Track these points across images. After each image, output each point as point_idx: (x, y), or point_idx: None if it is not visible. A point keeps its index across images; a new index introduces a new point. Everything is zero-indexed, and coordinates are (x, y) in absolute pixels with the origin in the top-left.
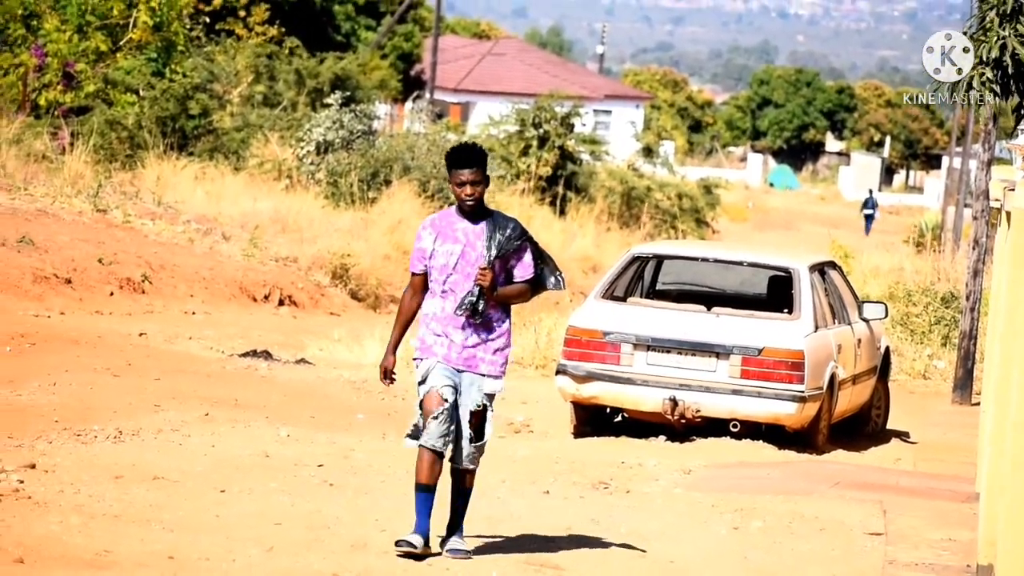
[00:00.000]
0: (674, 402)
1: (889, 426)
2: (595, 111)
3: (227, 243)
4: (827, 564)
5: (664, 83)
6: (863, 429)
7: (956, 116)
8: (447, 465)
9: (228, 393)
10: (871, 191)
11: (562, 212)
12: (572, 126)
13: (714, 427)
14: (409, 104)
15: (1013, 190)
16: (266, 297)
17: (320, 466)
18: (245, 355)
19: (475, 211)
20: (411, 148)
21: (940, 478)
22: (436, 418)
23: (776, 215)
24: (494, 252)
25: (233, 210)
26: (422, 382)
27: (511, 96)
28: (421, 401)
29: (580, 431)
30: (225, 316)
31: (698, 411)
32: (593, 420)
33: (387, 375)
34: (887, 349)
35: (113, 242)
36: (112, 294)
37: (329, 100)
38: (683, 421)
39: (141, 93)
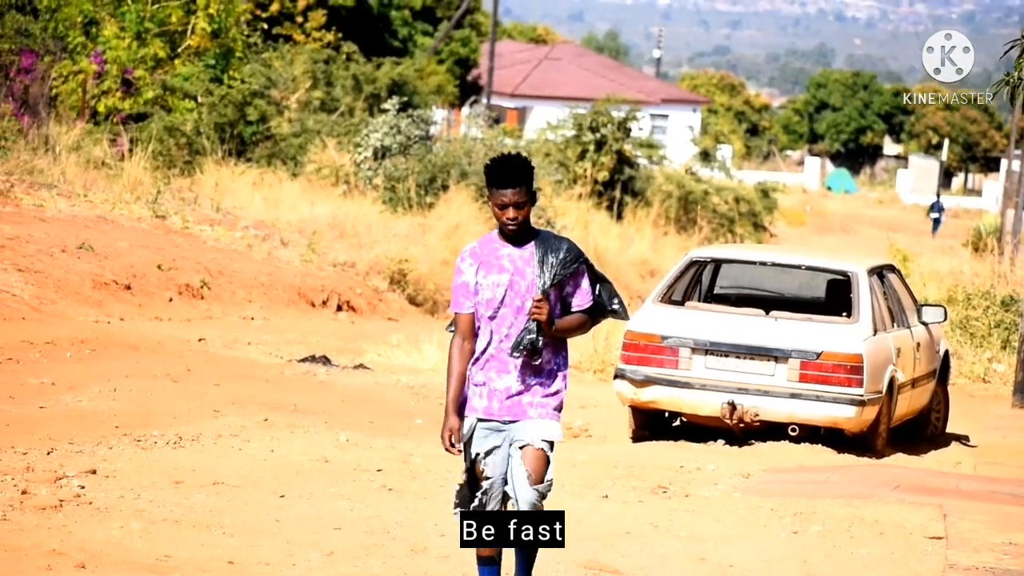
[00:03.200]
0: (732, 406)
1: (949, 430)
2: (652, 115)
3: (285, 249)
4: (887, 568)
5: (721, 87)
6: (923, 433)
7: (1015, 118)
8: None
9: (287, 398)
10: (938, 195)
11: (619, 216)
12: (629, 130)
13: (773, 431)
14: (466, 109)
15: None
16: (324, 302)
17: (379, 471)
18: (304, 360)
19: (520, 234)
20: (468, 153)
21: (1000, 482)
22: (486, 493)
23: (834, 219)
24: (548, 279)
25: (291, 216)
26: (467, 443)
27: (568, 100)
28: (467, 466)
29: (639, 435)
30: (283, 321)
31: (756, 415)
32: (652, 424)
33: (453, 442)
34: (946, 352)
35: (172, 248)
36: (171, 300)
37: (386, 105)
38: (742, 425)
39: (199, 99)
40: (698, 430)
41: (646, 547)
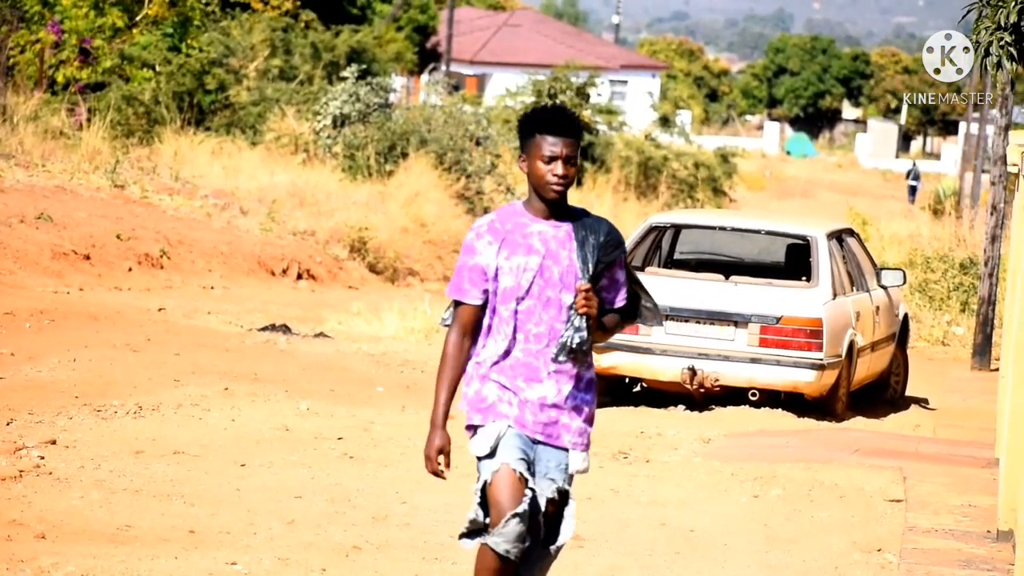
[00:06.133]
0: (693, 371)
1: (908, 393)
2: (611, 81)
3: (245, 218)
4: (847, 531)
5: (680, 53)
6: (882, 396)
7: (973, 81)
8: None
9: (247, 367)
10: (915, 163)
11: (579, 183)
12: (588, 96)
13: (733, 396)
14: (425, 76)
15: None
16: (284, 271)
17: (340, 439)
18: (264, 329)
19: (560, 204)
20: (428, 120)
21: (959, 444)
22: (518, 515)
23: (793, 183)
24: (591, 266)
25: (250, 184)
26: (487, 456)
27: (527, 67)
28: (484, 484)
29: (599, 401)
30: (243, 291)
31: (717, 380)
32: (612, 390)
33: (441, 467)
34: (906, 316)
35: (131, 218)
36: (131, 270)
37: (345, 73)
38: (702, 390)
39: (157, 68)
40: (658, 396)
41: (607, 513)
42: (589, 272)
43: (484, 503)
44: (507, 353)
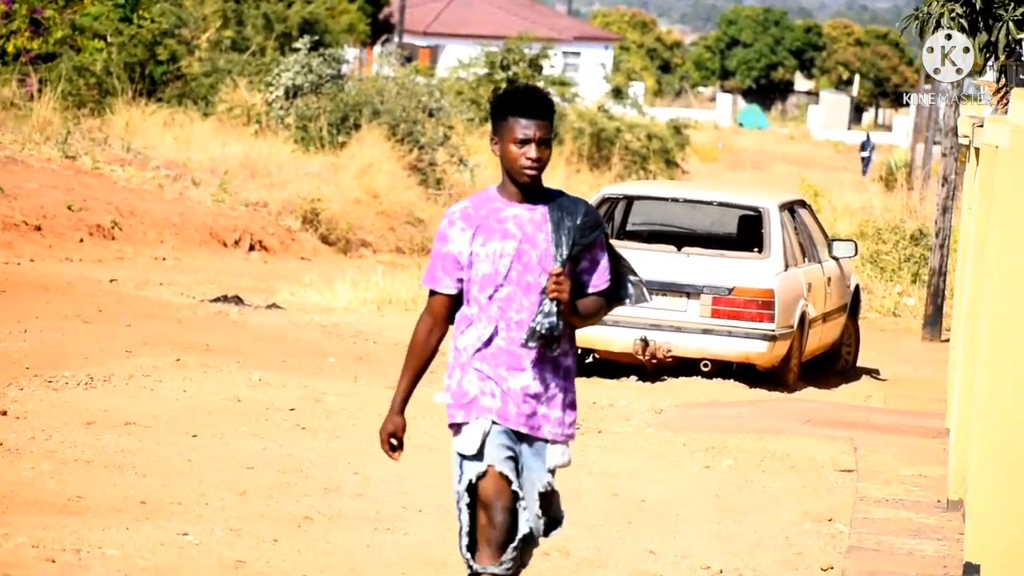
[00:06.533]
0: (645, 342)
1: (859, 364)
2: (564, 53)
3: (197, 189)
4: (798, 501)
5: (633, 24)
6: (834, 367)
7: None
8: None
9: (199, 338)
10: (868, 135)
11: None
12: (541, 68)
13: (685, 367)
14: (378, 48)
15: (981, 127)
16: (236, 242)
17: (292, 410)
18: (216, 300)
19: (534, 187)
20: (380, 92)
21: (910, 415)
22: (518, 547)
23: (746, 155)
24: (566, 249)
25: (202, 156)
26: (473, 457)
27: (480, 39)
28: (469, 483)
29: None
30: (196, 262)
31: (669, 351)
32: None
33: (393, 444)
34: (857, 287)
35: (82, 189)
36: (82, 241)
37: (297, 44)
38: (654, 361)
39: (109, 39)
40: (611, 367)
41: (559, 483)
42: (564, 255)
43: (472, 504)
44: (489, 341)
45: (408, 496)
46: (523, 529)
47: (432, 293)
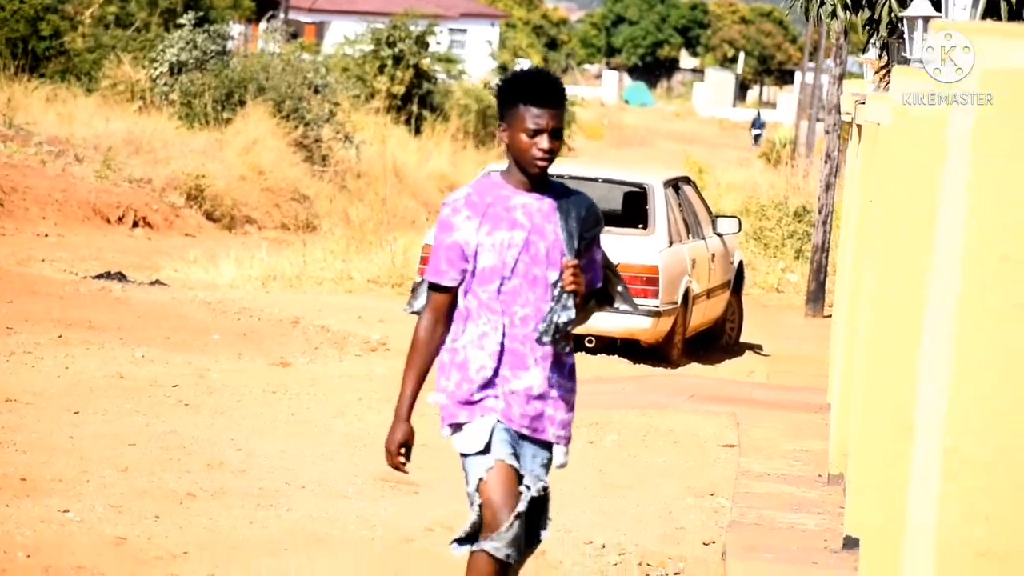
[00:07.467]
0: None
1: (743, 339)
2: (450, 30)
3: (80, 165)
4: (681, 476)
5: (519, 1)
6: (717, 343)
7: (808, 32)
8: None
9: (82, 315)
10: (759, 112)
11: (418, 131)
12: (427, 45)
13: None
14: (263, 24)
15: (864, 104)
16: (120, 219)
17: (175, 386)
18: (99, 277)
19: (543, 177)
20: (265, 68)
21: (793, 390)
22: (519, 516)
23: (631, 132)
24: (577, 241)
25: (86, 132)
26: (480, 453)
27: (366, 15)
28: (479, 484)
29: None
30: (78, 238)
31: None
32: None
33: (401, 455)
34: (741, 263)
35: None
36: None
37: (182, 20)
38: None
39: None
40: None
41: (443, 459)
42: (575, 247)
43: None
44: (490, 338)
45: (291, 472)
46: (523, 502)
47: (433, 288)
